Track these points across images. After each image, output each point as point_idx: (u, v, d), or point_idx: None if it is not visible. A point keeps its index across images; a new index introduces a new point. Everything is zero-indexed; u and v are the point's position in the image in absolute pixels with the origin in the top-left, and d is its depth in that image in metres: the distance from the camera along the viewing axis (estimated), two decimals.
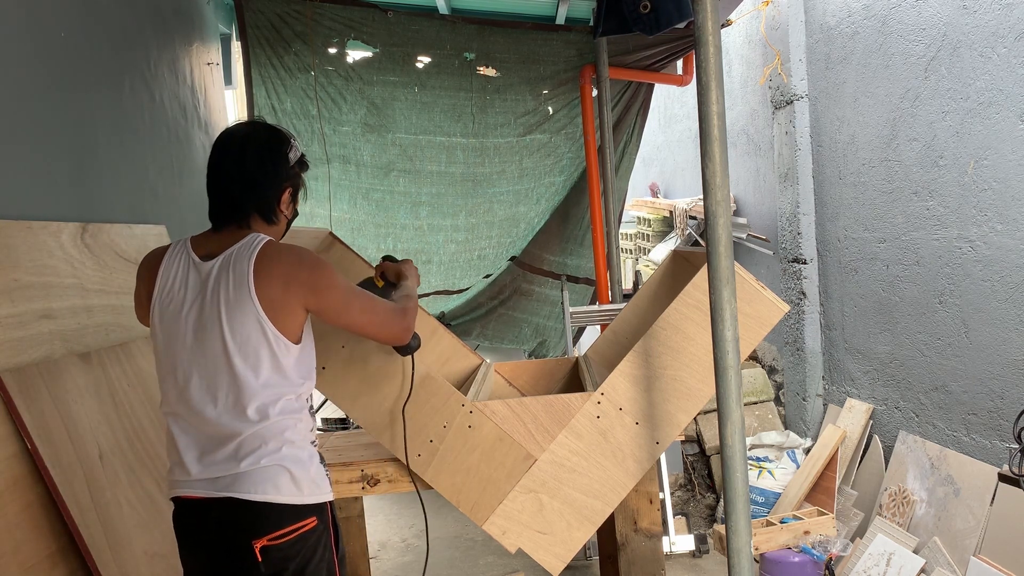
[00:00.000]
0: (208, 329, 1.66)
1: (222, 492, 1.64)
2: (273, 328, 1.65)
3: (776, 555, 3.48)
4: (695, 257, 2.47)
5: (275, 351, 1.66)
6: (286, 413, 1.68)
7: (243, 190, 1.74)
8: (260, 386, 1.65)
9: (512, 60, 4.35)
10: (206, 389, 1.67)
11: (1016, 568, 2.82)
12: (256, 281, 1.64)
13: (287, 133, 1.83)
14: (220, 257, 1.69)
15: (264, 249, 1.68)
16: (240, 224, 1.75)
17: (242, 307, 1.64)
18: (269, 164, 1.75)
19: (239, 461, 1.65)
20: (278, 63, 4.16)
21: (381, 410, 2.16)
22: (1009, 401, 3.11)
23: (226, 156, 1.77)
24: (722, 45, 3.46)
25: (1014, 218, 3.05)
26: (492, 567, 3.89)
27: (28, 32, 2.38)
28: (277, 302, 1.65)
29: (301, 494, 1.68)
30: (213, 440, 1.67)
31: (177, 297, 1.71)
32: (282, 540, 1.65)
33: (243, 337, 1.64)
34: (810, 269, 4.43)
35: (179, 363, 1.69)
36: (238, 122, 1.85)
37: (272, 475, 1.65)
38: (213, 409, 1.66)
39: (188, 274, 1.72)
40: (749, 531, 1.87)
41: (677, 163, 6.44)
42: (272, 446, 1.66)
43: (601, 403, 2.14)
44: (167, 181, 3.36)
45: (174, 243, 1.79)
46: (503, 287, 4.93)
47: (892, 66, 3.66)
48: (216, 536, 1.67)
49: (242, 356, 1.64)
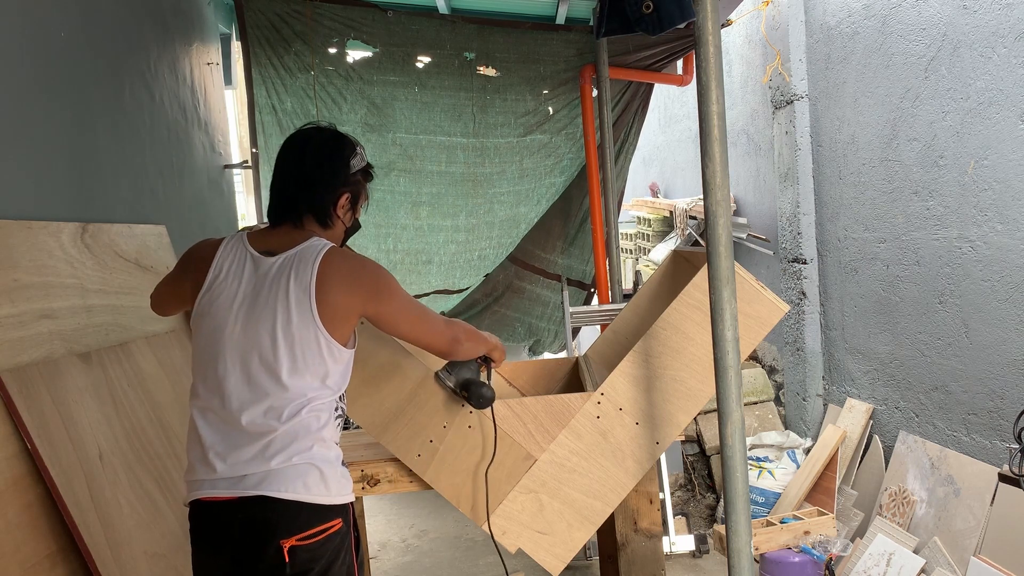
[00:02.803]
0: (259, 325, 1.65)
1: (251, 491, 1.61)
2: (327, 335, 1.65)
3: (776, 555, 3.48)
4: (695, 257, 2.47)
5: (324, 357, 1.66)
6: (318, 411, 1.68)
7: (299, 189, 1.75)
8: (301, 391, 1.65)
9: (512, 60, 4.35)
10: (246, 385, 1.65)
11: (1016, 568, 2.82)
12: (318, 287, 1.64)
13: (354, 141, 1.84)
14: (282, 256, 1.69)
15: (328, 254, 1.69)
16: (295, 223, 1.76)
17: (300, 311, 1.64)
18: (328, 167, 1.77)
19: (269, 459, 1.62)
20: (278, 63, 4.16)
21: (381, 410, 2.16)
22: (1009, 401, 3.11)
23: (288, 155, 1.79)
24: (722, 45, 3.45)
25: (1014, 218, 3.05)
26: (492, 567, 3.89)
27: (28, 32, 2.38)
28: (336, 309, 1.66)
29: (329, 494, 1.66)
30: (242, 437, 1.64)
31: (230, 289, 1.69)
32: (310, 541, 1.62)
33: (295, 340, 1.64)
34: (810, 269, 4.43)
35: (221, 355, 1.67)
36: (308, 124, 1.86)
37: (303, 473, 1.63)
38: (249, 406, 1.64)
39: (244, 267, 1.71)
40: (749, 531, 1.87)
41: (677, 163, 6.44)
42: (304, 443, 1.64)
43: (601, 403, 2.14)
44: (167, 181, 3.36)
45: (229, 236, 1.79)
46: (497, 284, 4.93)
47: (892, 66, 3.66)
48: (242, 537, 1.63)
49: (292, 359, 1.64)
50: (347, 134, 1.85)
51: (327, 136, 1.81)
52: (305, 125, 1.86)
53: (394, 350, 2.15)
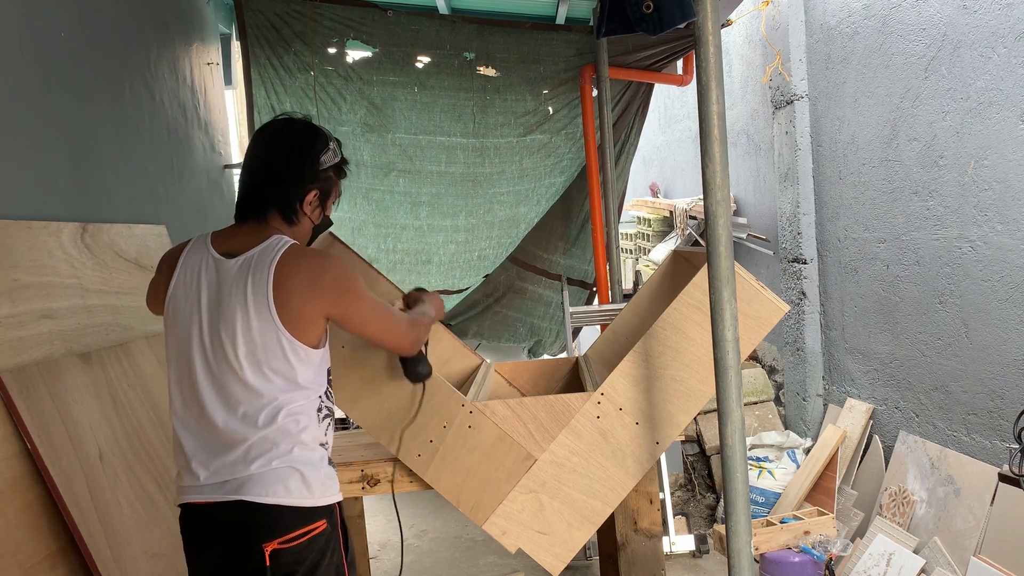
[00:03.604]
0: (222, 331, 1.62)
1: (231, 495, 1.61)
2: (290, 337, 1.62)
3: (776, 555, 3.48)
4: (695, 257, 2.47)
5: (289, 359, 1.63)
6: (297, 415, 1.65)
7: (265, 184, 1.70)
8: (272, 393, 1.62)
9: (512, 60, 4.35)
10: (216, 393, 1.63)
11: (1016, 568, 2.82)
12: (276, 289, 1.60)
13: (327, 135, 1.78)
14: (242, 258, 1.65)
15: (286, 254, 1.64)
16: (260, 220, 1.70)
17: (260, 315, 1.60)
18: (297, 161, 1.71)
19: (249, 464, 1.61)
20: (278, 63, 4.16)
21: (381, 411, 2.15)
22: (1009, 401, 3.11)
23: (256, 148, 1.74)
24: (722, 45, 3.45)
25: (1014, 218, 3.05)
26: (492, 567, 3.89)
27: (28, 32, 2.38)
28: (299, 312, 1.62)
29: (312, 496, 1.65)
30: (221, 445, 1.64)
31: (193, 295, 1.67)
32: (293, 543, 1.62)
33: (258, 344, 1.61)
34: (810, 269, 4.43)
35: (192, 364, 1.65)
36: (281, 115, 1.80)
37: (283, 476, 1.62)
38: (223, 414, 1.63)
39: (207, 272, 1.67)
40: (749, 531, 1.87)
41: (677, 163, 6.44)
42: (283, 448, 1.63)
43: (601, 403, 2.13)
44: (167, 181, 3.36)
45: (195, 238, 1.75)
46: (497, 284, 4.93)
47: (892, 66, 3.66)
48: (226, 541, 1.64)
49: (255, 363, 1.61)
50: (321, 127, 1.78)
51: (298, 128, 1.74)
52: (278, 116, 1.79)
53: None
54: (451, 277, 4.82)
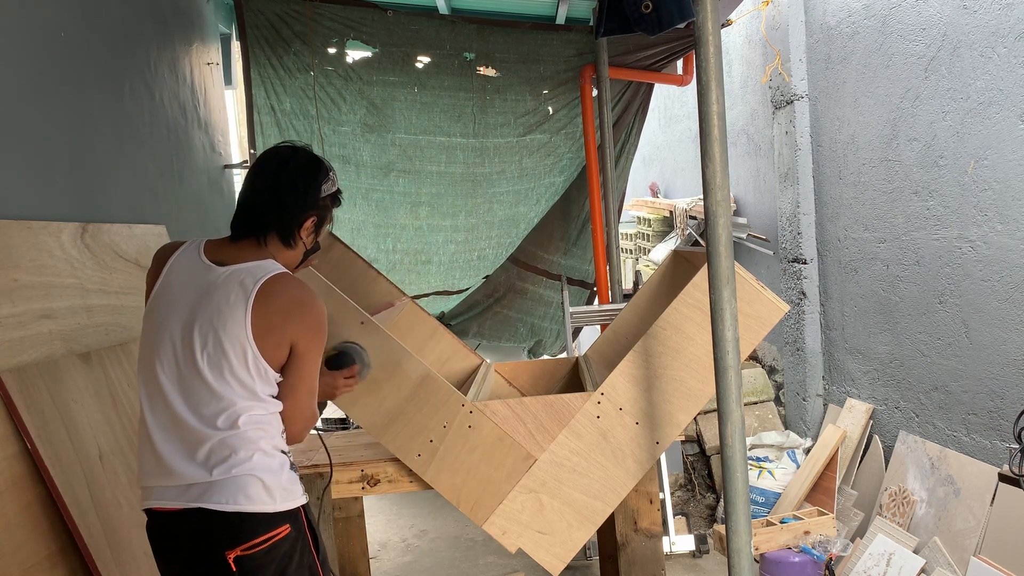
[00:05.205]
0: (196, 331, 1.66)
1: (194, 503, 1.64)
2: (256, 349, 1.65)
3: (776, 555, 3.48)
4: (695, 257, 2.47)
5: (250, 370, 1.66)
6: (256, 423, 1.68)
7: (269, 207, 1.76)
8: (231, 398, 1.65)
9: (512, 60, 4.35)
10: (180, 390, 1.67)
11: (1016, 568, 2.82)
12: (257, 302, 1.65)
13: (328, 166, 1.86)
14: (231, 268, 1.71)
15: (279, 276, 1.70)
16: (258, 239, 1.77)
17: (234, 320, 1.64)
18: (301, 188, 1.78)
19: (210, 470, 1.64)
20: (277, 63, 4.16)
21: (381, 411, 2.16)
22: (1009, 401, 3.11)
23: (262, 171, 1.80)
24: (722, 45, 3.45)
25: (1014, 218, 3.05)
26: (492, 567, 3.89)
27: (28, 32, 2.38)
28: (269, 328, 1.66)
29: (273, 502, 1.67)
30: (184, 443, 1.66)
31: (175, 294, 1.72)
32: (255, 549, 1.64)
33: (226, 349, 1.64)
34: (810, 269, 4.43)
35: (162, 359, 1.69)
36: (284, 143, 1.88)
37: (243, 484, 1.65)
38: (185, 412, 1.66)
39: (194, 275, 1.72)
40: (749, 531, 1.87)
41: (677, 163, 6.44)
42: (243, 455, 1.66)
43: (601, 403, 2.14)
44: (167, 181, 3.36)
45: (189, 241, 1.80)
46: (498, 285, 4.93)
47: (892, 66, 3.66)
48: (190, 547, 1.67)
49: (218, 367, 1.64)
50: (322, 157, 1.87)
51: (304, 159, 1.82)
52: (281, 143, 1.88)
53: (394, 349, 2.16)
54: (451, 277, 4.82)
